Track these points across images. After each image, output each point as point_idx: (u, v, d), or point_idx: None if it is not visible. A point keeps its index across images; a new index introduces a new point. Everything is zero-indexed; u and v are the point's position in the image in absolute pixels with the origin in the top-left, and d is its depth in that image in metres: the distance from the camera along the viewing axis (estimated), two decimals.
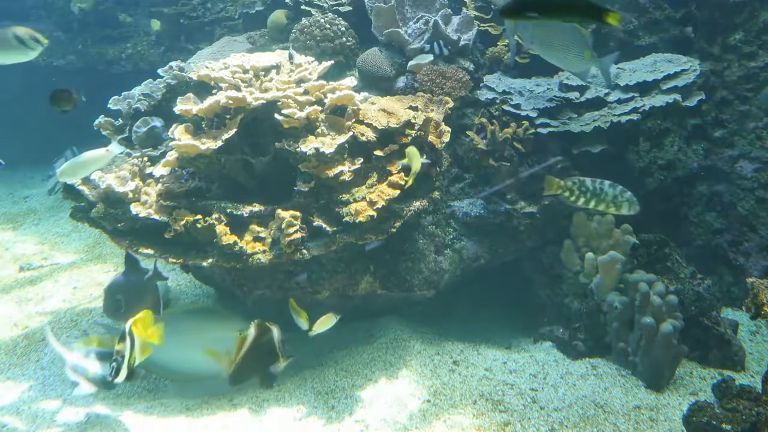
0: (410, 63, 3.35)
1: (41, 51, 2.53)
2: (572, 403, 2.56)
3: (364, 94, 3.01)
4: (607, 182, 2.70)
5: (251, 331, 2.25)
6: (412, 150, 2.59)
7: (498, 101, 3.28)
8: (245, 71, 2.78)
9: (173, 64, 3.29)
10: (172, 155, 2.74)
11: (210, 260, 2.61)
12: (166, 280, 3.04)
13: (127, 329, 2.10)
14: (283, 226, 2.55)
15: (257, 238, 2.60)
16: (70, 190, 2.88)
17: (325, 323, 2.51)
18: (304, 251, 2.59)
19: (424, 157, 2.72)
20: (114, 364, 2.09)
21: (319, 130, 2.66)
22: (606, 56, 2.78)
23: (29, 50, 2.50)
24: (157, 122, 3.09)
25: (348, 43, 3.47)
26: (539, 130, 3.14)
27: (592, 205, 2.70)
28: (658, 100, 3.13)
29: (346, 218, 2.58)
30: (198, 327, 2.77)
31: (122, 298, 2.72)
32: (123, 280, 2.79)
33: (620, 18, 1.79)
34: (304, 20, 3.53)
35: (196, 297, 3.54)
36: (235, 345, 2.44)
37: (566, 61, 2.67)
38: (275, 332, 2.30)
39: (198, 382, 2.69)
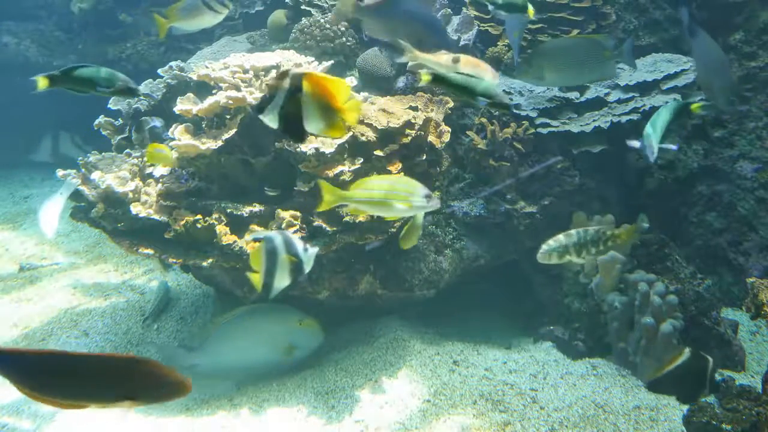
0: (410, 63, 3.35)
1: (228, 12, 2.72)
2: (572, 403, 2.56)
3: (364, 94, 3.01)
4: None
5: (685, 354, 2.08)
6: None
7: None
8: (245, 71, 2.78)
9: (173, 64, 3.29)
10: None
11: (210, 260, 2.61)
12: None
13: None
14: (283, 226, 2.55)
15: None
16: None
17: None
18: None
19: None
20: None
21: None
22: (622, 45, 2.72)
23: (218, 13, 2.66)
24: (158, 122, 3.09)
25: (348, 43, 3.47)
26: (539, 130, 3.14)
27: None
28: (658, 100, 3.12)
29: (346, 218, 2.58)
30: (264, 323, 2.88)
31: None
32: None
33: None
34: (304, 20, 3.53)
35: (196, 297, 3.54)
36: (300, 335, 2.76)
37: (591, 73, 2.57)
38: (710, 365, 2.10)
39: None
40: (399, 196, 1.94)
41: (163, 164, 2.64)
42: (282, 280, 1.88)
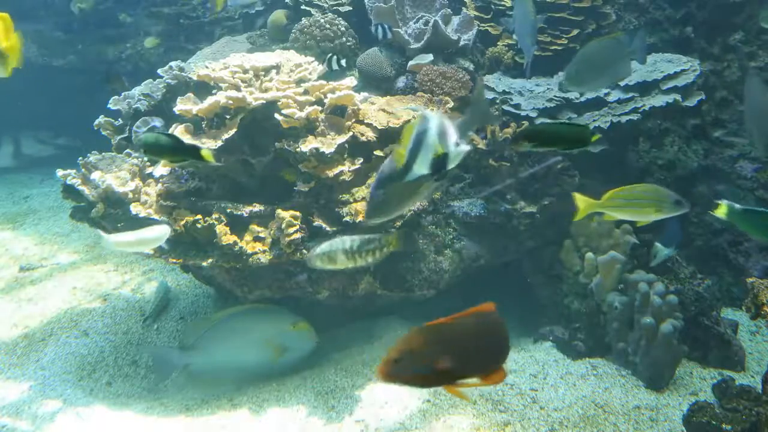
0: (410, 63, 3.35)
1: None
2: (572, 403, 2.56)
3: (364, 94, 3.01)
4: None
5: None
6: None
7: (498, 101, 3.28)
8: (245, 71, 2.78)
9: (173, 64, 3.29)
10: None
11: (210, 260, 2.61)
12: None
13: None
14: (283, 226, 2.55)
15: (257, 238, 2.61)
16: (70, 190, 2.88)
17: None
18: (304, 251, 2.59)
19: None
20: None
21: (319, 130, 2.66)
22: (635, 38, 2.68)
23: None
24: (157, 122, 3.09)
25: (348, 43, 3.47)
26: None
27: None
28: (658, 100, 3.12)
29: (346, 218, 2.58)
30: (256, 324, 2.87)
31: None
32: None
33: None
34: (304, 20, 3.53)
35: (196, 297, 3.54)
36: (292, 338, 2.75)
37: (617, 73, 2.54)
38: None
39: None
40: (651, 203, 2.11)
41: None
42: (422, 167, 1.69)
